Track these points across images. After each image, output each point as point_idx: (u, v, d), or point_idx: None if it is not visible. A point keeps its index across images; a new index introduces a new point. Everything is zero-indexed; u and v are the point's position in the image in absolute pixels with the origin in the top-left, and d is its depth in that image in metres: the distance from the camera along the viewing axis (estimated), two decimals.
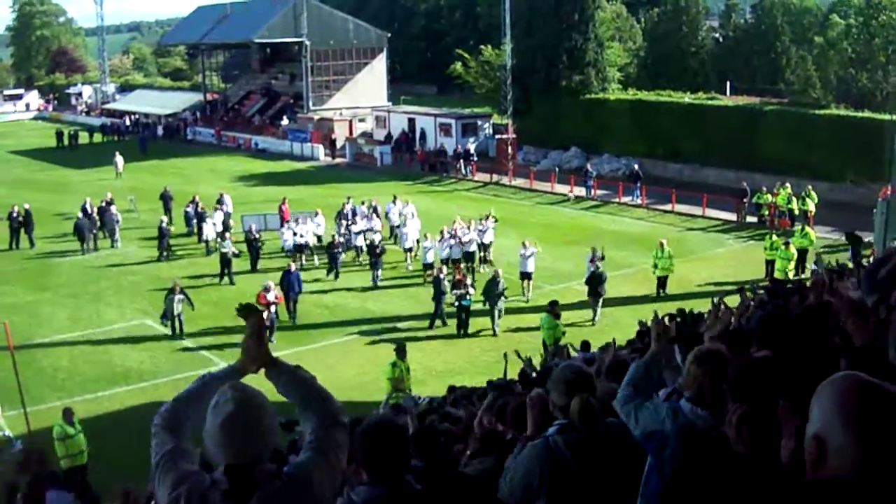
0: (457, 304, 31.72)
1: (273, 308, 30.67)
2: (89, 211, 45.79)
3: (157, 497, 4.11)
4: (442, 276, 32.93)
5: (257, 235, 40.92)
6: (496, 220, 40.72)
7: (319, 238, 42.74)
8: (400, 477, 5.13)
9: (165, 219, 44.09)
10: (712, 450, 5.06)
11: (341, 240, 40.29)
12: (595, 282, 32.65)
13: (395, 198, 46.57)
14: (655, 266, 35.30)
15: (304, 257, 40.83)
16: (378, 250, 37.87)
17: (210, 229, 43.77)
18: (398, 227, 43.21)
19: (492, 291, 31.48)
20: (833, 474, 2.87)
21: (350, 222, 43.34)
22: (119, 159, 66.18)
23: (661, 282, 35.20)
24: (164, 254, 42.51)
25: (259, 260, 40.23)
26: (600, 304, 32.69)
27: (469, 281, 32.97)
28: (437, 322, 32.65)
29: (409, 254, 40.28)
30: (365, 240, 40.66)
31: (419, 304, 34.34)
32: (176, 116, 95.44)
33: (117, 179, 63.17)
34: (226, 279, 38.15)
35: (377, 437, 5.08)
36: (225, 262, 38.34)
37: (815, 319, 8.03)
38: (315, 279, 37.95)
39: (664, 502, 5.37)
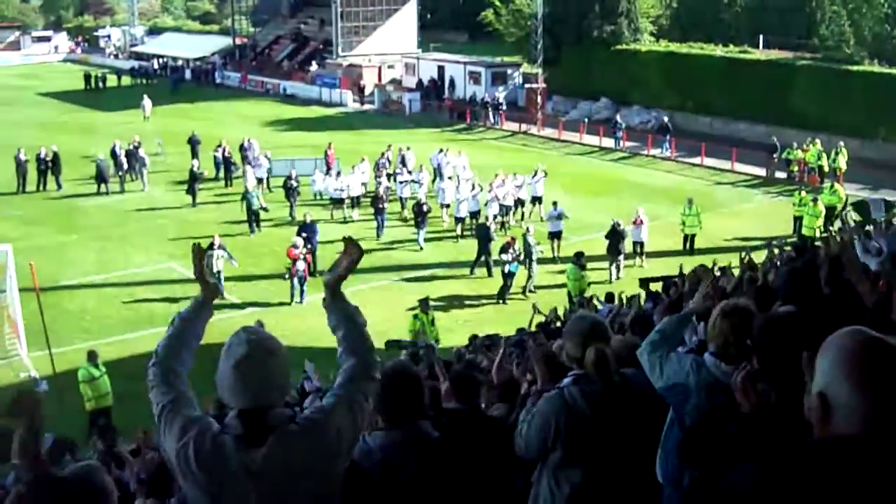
0: (505, 270, 30.45)
1: (301, 266, 30.15)
2: (118, 153, 45.85)
3: (165, 449, 4.10)
4: (490, 224, 32.90)
5: (295, 183, 40.14)
6: (545, 174, 39.43)
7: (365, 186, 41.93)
8: (416, 423, 5.14)
9: (196, 162, 43.79)
10: (733, 406, 5.03)
11: (383, 193, 38.42)
12: (615, 239, 31.98)
13: (442, 150, 45.52)
14: (683, 223, 34.99)
15: (345, 208, 40.18)
16: (424, 208, 36.21)
17: (251, 177, 43.35)
18: (448, 179, 41.46)
19: (525, 250, 30.94)
20: (838, 433, 2.82)
21: (398, 171, 42.91)
22: (147, 102, 66.20)
23: (690, 239, 34.81)
24: (195, 199, 41.97)
25: (295, 208, 39.48)
26: (622, 261, 32.32)
27: (517, 245, 31.23)
28: (479, 271, 32.42)
29: (445, 210, 38.70)
30: (411, 193, 40.07)
31: (450, 253, 34.53)
32: (204, 60, 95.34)
33: (145, 122, 63.24)
34: (256, 229, 37.78)
35: (394, 384, 5.10)
36: (252, 213, 37.74)
37: (839, 275, 7.98)
38: (360, 238, 36.84)
39: (682, 455, 5.34)
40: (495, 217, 35.95)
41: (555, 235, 34.41)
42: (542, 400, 5.51)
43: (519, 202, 38.83)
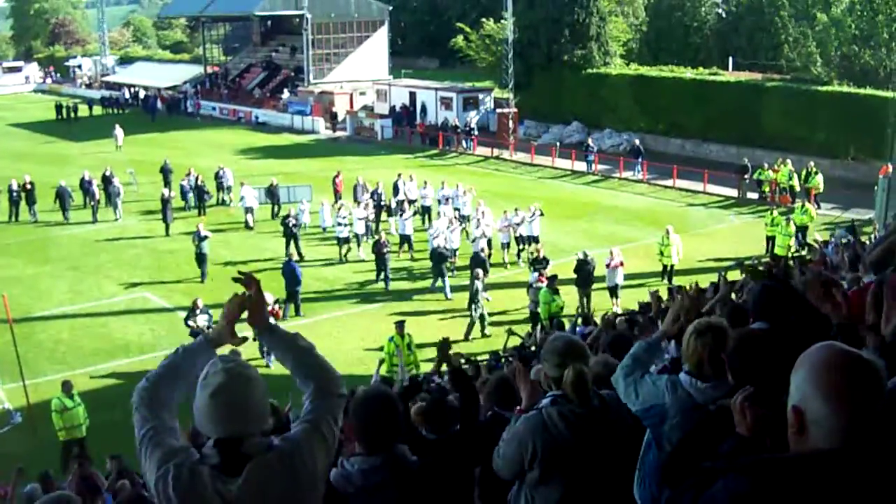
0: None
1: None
2: (90, 183, 45.76)
3: (146, 476, 4.07)
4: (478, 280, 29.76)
5: (295, 221, 37.31)
6: (541, 213, 37.05)
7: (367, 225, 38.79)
8: (393, 448, 5.15)
9: (166, 191, 43.30)
10: (712, 424, 5.06)
11: (386, 238, 34.44)
12: (584, 272, 30.53)
13: (459, 187, 42.50)
14: (661, 253, 33.79)
15: (350, 247, 37.59)
16: (447, 253, 33.56)
17: (251, 199, 42.99)
18: (469, 220, 38.36)
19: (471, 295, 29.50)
20: (814, 446, 2.88)
21: (398, 208, 40.19)
22: (119, 131, 66.14)
23: (669, 270, 33.49)
24: (168, 228, 41.16)
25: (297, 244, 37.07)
26: (590, 293, 30.72)
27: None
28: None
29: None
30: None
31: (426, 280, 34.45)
32: (176, 89, 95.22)
33: (118, 151, 63.09)
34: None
35: (371, 408, 5.10)
36: (201, 258, 34.76)
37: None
38: (361, 286, 34.44)
39: (664, 477, 5.35)
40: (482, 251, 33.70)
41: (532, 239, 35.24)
42: (520, 419, 5.51)
43: (520, 239, 36.73)
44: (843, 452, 2.80)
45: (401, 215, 38.47)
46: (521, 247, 36.67)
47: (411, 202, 41.30)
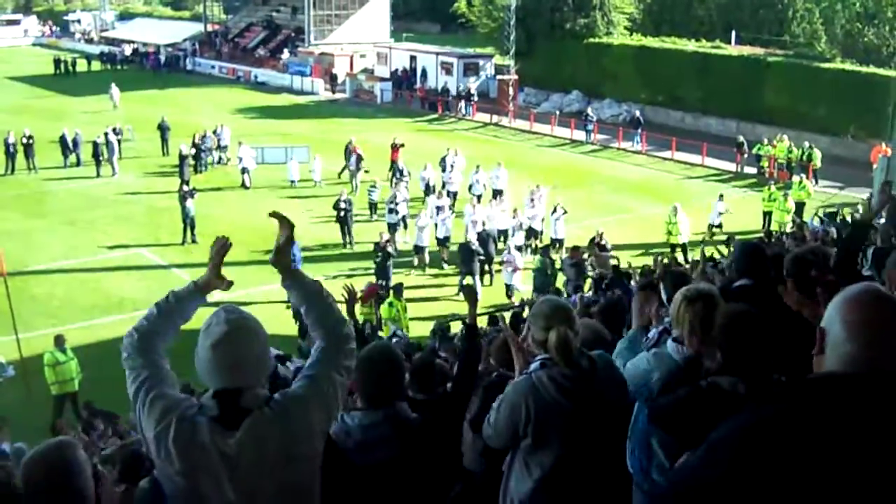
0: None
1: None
2: (77, 140, 46.34)
3: (143, 428, 4.04)
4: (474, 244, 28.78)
5: (347, 205, 33.85)
6: (565, 212, 33.16)
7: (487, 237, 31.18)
8: (395, 404, 5.17)
9: (184, 147, 42.79)
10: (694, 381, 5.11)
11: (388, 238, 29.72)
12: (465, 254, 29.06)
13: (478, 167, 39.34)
14: (669, 232, 32.48)
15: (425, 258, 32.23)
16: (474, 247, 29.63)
17: (249, 159, 42.75)
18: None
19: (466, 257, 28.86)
20: (827, 368, 3.11)
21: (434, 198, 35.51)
22: (115, 91, 65.42)
23: (676, 249, 31.98)
24: (187, 183, 38.19)
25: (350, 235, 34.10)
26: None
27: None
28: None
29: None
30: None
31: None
32: (176, 46, 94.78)
33: (115, 111, 62.65)
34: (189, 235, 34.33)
35: (375, 364, 5.12)
36: (190, 221, 34.11)
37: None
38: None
39: (652, 417, 5.39)
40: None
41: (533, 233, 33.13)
42: (510, 386, 5.50)
43: (531, 232, 33.15)
44: (849, 377, 3.02)
45: (438, 214, 33.22)
46: (529, 241, 32.93)
47: (451, 193, 37.81)
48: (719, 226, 34.37)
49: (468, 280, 27.53)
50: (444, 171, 39.80)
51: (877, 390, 2.96)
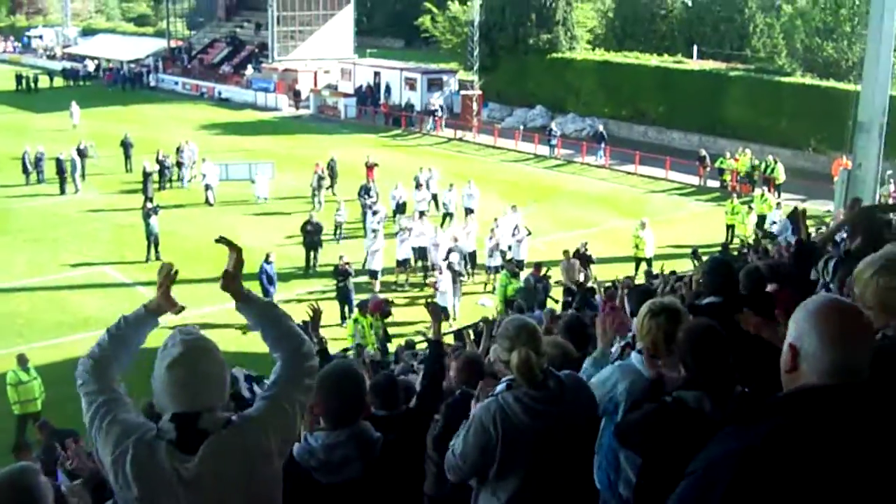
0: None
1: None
2: (39, 157, 45.96)
3: (100, 454, 3.98)
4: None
5: (314, 227, 33.41)
6: (529, 233, 32.62)
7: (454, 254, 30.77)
8: (358, 422, 5.16)
9: (148, 163, 42.23)
10: (660, 399, 5.16)
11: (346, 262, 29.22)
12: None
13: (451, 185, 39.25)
14: (636, 246, 32.50)
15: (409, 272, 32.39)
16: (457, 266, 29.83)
17: (212, 176, 42.68)
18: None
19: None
20: (803, 382, 3.14)
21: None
22: (75, 108, 64.09)
23: (640, 263, 31.86)
24: (150, 199, 38.79)
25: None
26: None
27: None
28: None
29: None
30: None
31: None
32: (139, 62, 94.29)
33: (74, 130, 61.74)
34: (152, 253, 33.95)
35: (336, 384, 5.10)
36: (154, 239, 33.94)
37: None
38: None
39: (618, 436, 5.44)
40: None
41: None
42: (475, 409, 5.48)
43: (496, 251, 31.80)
44: (832, 388, 3.06)
45: (399, 235, 32.68)
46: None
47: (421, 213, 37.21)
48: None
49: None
50: (417, 188, 39.35)
51: (867, 399, 3.04)
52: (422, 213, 37.24)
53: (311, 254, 33.40)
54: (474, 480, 5.58)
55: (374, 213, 34.46)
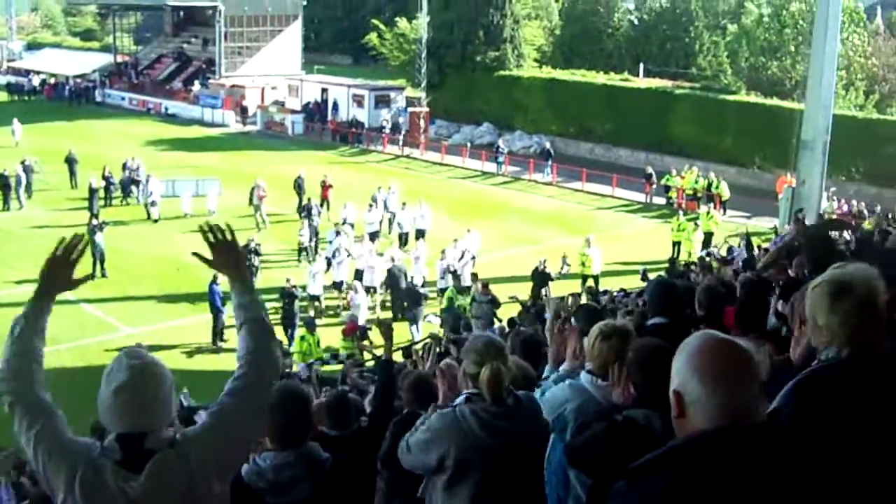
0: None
1: None
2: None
3: (50, 484, 3.90)
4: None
5: (255, 249, 31.78)
6: (473, 258, 32.73)
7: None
8: (305, 443, 5.15)
9: (94, 180, 41.97)
10: (609, 418, 5.17)
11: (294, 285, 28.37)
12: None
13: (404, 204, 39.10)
14: (583, 264, 32.50)
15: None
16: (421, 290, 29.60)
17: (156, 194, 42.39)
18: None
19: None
20: (693, 427, 3.04)
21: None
22: (17, 125, 62.53)
23: (587, 280, 31.97)
24: (97, 216, 38.80)
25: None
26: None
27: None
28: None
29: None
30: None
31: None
32: (85, 77, 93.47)
33: (16, 147, 60.66)
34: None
35: (282, 404, 5.08)
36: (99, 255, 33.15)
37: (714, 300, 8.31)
38: None
39: (568, 457, 5.44)
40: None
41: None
42: (434, 417, 5.50)
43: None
44: (721, 432, 2.95)
45: (335, 256, 32.04)
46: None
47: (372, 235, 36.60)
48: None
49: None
50: (369, 209, 38.37)
51: (760, 439, 2.96)
52: (373, 236, 36.45)
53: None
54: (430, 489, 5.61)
55: (338, 234, 33.54)
